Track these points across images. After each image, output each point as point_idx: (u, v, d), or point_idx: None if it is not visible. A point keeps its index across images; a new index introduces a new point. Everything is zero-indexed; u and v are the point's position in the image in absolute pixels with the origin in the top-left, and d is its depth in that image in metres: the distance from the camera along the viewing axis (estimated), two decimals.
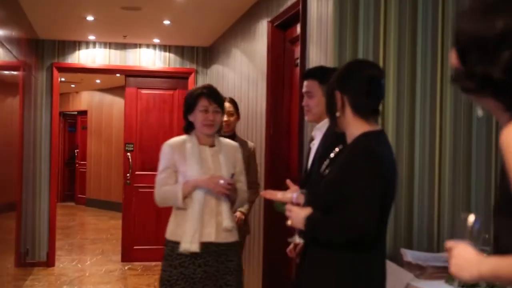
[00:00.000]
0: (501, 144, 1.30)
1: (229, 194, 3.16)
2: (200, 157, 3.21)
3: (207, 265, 3.13)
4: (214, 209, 3.17)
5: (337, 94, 2.21)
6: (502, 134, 1.30)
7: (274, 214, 2.96)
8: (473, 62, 1.33)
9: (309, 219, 2.18)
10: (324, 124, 2.72)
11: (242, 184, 3.33)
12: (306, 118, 2.98)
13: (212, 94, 3.26)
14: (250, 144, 4.31)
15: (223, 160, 3.24)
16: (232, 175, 3.18)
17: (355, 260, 2.14)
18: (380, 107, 2.28)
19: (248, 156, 4.06)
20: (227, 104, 4.16)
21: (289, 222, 2.30)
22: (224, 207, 3.19)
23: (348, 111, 2.19)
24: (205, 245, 3.12)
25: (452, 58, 1.40)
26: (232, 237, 3.22)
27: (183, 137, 3.32)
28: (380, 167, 2.09)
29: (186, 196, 3.16)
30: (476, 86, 1.34)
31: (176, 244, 3.17)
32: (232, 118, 4.23)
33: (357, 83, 2.19)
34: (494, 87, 1.32)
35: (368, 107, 2.19)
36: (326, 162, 2.41)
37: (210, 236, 3.14)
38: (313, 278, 2.23)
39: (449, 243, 1.46)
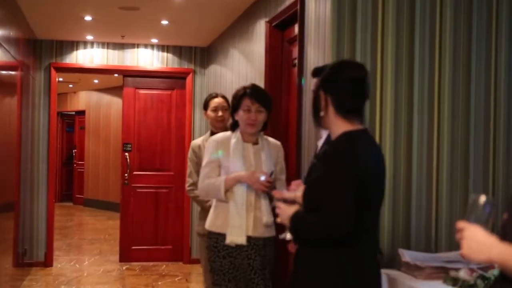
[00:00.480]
0: None
1: (268, 192, 3.26)
2: (243, 153, 3.34)
3: (250, 258, 3.27)
4: (253, 204, 3.30)
5: (321, 94, 2.27)
6: None
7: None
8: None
9: (293, 217, 2.27)
10: None
11: (281, 182, 3.43)
12: None
13: (254, 94, 3.37)
14: None
15: (265, 157, 3.36)
16: (272, 173, 3.28)
17: (340, 257, 2.18)
18: (366, 107, 2.32)
19: None
20: (220, 100, 4.30)
21: (278, 219, 2.42)
22: (263, 202, 3.32)
23: (331, 111, 2.24)
24: (247, 238, 3.27)
25: None
26: (270, 232, 3.35)
27: (229, 133, 3.45)
28: (355, 167, 2.12)
29: (228, 189, 3.29)
30: None
31: (220, 235, 3.29)
32: (227, 114, 4.24)
33: (340, 83, 2.23)
34: None
35: (350, 107, 2.23)
36: (314, 161, 2.44)
37: (248, 230, 3.27)
38: (305, 276, 2.26)
39: (461, 224, 1.46)
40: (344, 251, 2.17)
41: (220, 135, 3.49)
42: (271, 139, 3.54)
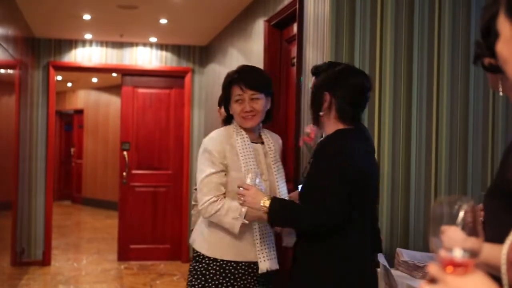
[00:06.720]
0: None
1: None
2: (255, 158, 2.69)
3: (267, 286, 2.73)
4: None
5: (326, 95, 2.30)
6: None
7: None
8: (491, 38, 1.40)
9: (273, 201, 2.28)
10: None
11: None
12: None
13: (244, 79, 2.69)
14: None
15: (274, 160, 2.75)
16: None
17: (330, 246, 2.23)
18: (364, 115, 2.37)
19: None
20: None
21: (240, 202, 2.37)
22: None
23: (333, 114, 2.30)
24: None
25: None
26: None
27: (223, 129, 2.81)
28: (349, 161, 2.18)
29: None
30: (497, 63, 1.40)
31: (238, 264, 2.64)
32: None
33: (348, 90, 2.28)
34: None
35: (350, 114, 2.29)
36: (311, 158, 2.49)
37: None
38: (300, 266, 2.33)
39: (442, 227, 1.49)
40: (333, 240, 2.23)
41: (218, 133, 2.72)
42: (269, 132, 2.86)
